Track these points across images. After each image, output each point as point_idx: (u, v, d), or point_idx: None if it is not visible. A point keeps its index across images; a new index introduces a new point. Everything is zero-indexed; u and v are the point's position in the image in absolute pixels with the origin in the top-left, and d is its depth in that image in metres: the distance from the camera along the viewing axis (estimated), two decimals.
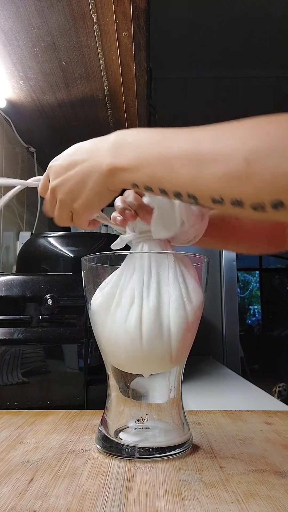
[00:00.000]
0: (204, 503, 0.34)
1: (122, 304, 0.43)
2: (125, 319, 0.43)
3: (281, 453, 0.45)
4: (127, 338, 0.42)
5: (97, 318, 0.45)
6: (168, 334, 0.42)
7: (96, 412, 0.61)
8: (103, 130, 1.28)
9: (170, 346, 0.43)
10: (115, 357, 0.45)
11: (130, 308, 0.43)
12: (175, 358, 0.44)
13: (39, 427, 0.54)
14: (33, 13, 0.77)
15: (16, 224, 1.31)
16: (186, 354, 0.46)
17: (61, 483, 0.37)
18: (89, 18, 0.78)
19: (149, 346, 0.42)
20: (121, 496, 0.35)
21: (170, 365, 0.45)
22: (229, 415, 0.60)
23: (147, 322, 0.42)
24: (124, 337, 0.43)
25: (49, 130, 1.30)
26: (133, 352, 0.43)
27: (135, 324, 0.42)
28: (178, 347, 0.43)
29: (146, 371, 0.45)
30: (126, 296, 0.43)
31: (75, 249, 0.91)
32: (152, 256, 0.45)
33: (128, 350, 0.43)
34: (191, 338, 0.45)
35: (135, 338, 0.42)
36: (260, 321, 6.48)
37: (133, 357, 0.43)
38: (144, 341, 0.42)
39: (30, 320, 0.70)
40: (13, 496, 0.35)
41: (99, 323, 0.45)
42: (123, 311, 0.43)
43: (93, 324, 0.47)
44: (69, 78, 1.00)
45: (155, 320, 0.42)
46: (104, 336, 0.45)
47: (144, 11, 0.76)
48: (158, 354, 0.43)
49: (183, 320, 0.43)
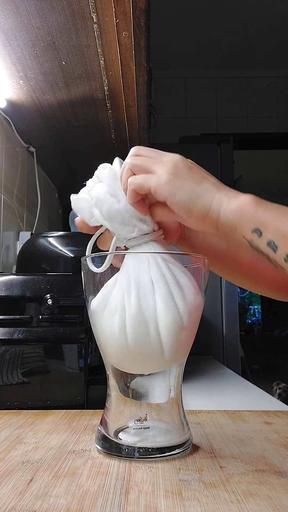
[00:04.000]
0: (204, 503, 0.34)
1: (109, 308, 0.44)
2: (111, 324, 0.43)
3: (281, 453, 0.45)
4: (115, 342, 0.43)
5: (95, 318, 0.46)
6: (157, 335, 0.42)
7: (96, 412, 0.61)
8: (103, 130, 1.29)
9: (162, 346, 0.42)
10: (111, 357, 0.46)
11: (115, 313, 0.43)
12: (170, 357, 0.43)
13: (39, 427, 0.54)
14: (33, 13, 0.77)
15: (16, 224, 1.31)
16: (184, 353, 0.46)
17: (61, 483, 0.37)
18: (89, 18, 0.78)
19: (137, 349, 0.42)
20: (121, 496, 0.35)
21: (165, 364, 0.45)
22: (229, 415, 0.60)
23: (130, 328, 0.42)
24: (112, 341, 0.43)
25: (49, 130, 1.30)
26: (123, 354, 0.43)
27: (119, 330, 0.42)
28: (171, 346, 0.42)
29: (143, 370, 0.45)
30: (113, 300, 0.43)
31: (75, 249, 0.91)
32: (131, 258, 0.44)
33: (118, 353, 0.44)
34: (187, 337, 0.44)
35: (122, 343, 0.42)
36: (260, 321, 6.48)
37: (125, 358, 0.44)
38: (131, 346, 0.42)
39: (30, 320, 0.70)
40: (13, 496, 0.35)
41: (97, 323, 0.45)
42: (109, 315, 0.43)
43: (92, 324, 0.47)
44: (69, 78, 0.99)
45: (140, 323, 0.42)
46: (100, 336, 0.45)
47: (144, 11, 0.76)
48: (148, 355, 0.43)
49: (174, 320, 0.42)
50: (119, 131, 1.29)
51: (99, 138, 1.34)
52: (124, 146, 1.38)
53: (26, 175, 1.39)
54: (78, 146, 1.41)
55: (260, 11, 2.56)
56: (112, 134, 1.31)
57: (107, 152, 1.42)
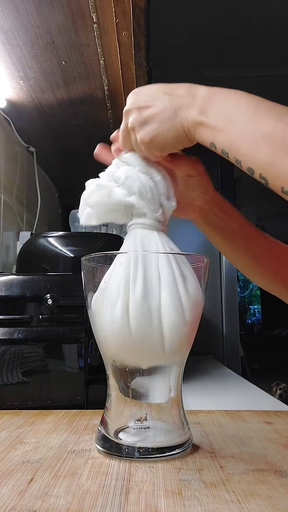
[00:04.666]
0: (204, 502, 0.34)
1: (109, 294, 0.43)
2: (112, 311, 0.42)
3: (281, 453, 0.45)
4: (116, 329, 0.42)
5: (93, 313, 0.45)
6: (159, 326, 0.42)
7: (96, 412, 0.61)
8: (103, 130, 1.28)
9: (163, 338, 0.42)
10: (110, 350, 0.45)
11: (117, 298, 0.42)
12: (169, 348, 0.43)
13: (39, 427, 0.54)
14: (32, 12, 0.77)
15: (16, 224, 1.31)
16: (184, 349, 0.45)
17: (61, 483, 0.37)
18: (88, 17, 0.78)
19: (138, 337, 0.42)
20: (121, 496, 0.35)
21: (164, 358, 0.45)
22: (229, 414, 0.60)
23: (133, 314, 0.42)
24: (112, 327, 0.42)
25: (48, 130, 1.30)
26: (124, 343, 0.43)
27: (122, 314, 0.42)
28: (171, 336, 0.42)
29: (142, 362, 0.45)
30: (112, 286, 0.43)
31: (75, 249, 0.91)
32: (139, 244, 0.45)
33: (119, 341, 0.43)
34: (189, 333, 0.44)
35: (124, 329, 0.42)
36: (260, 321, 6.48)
37: (125, 348, 0.43)
38: (133, 333, 0.42)
39: (30, 320, 0.70)
40: (13, 496, 0.35)
41: (95, 317, 0.45)
42: (111, 301, 0.43)
43: (92, 317, 0.46)
44: (68, 77, 0.99)
45: (143, 311, 0.42)
46: (99, 329, 0.45)
47: (144, 11, 0.76)
48: (149, 345, 0.43)
49: (176, 305, 0.42)
50: None
51: (99, 138, 1.34)
52: None
53: (26, 175, 1.39)
54: (78, 146, 1.41)
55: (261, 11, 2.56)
56: None
57: None
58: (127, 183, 0.46)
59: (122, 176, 0.46)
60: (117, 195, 0.47)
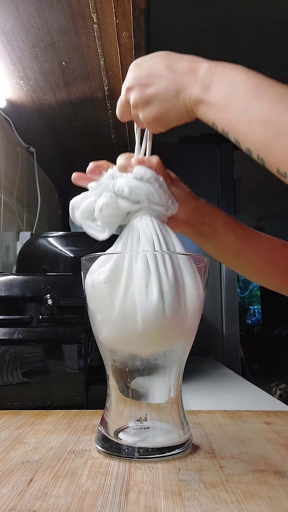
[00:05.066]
0: (204, 503, 0.34)
1: (137, 276, 0.42)
2: (145, 291, 0.42)
3: (281, 453, 0.45)
4: (150, 310, 0.41)
5: (105, 292, 0.43)
6: (185, 306, 0.44)
7: (96, 412, 0.61)
8: (103, 130, 1.29)
9: (186, 318, 0.44)
10: (124, 331, 0.43)
11: (147, 280, 0.42)
12: (188, 330, 0.45)
13: (39, 427, 0.54)
14: (33, 13, 0.77)
15: (16, 224, 1.31)
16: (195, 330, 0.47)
17: (61, 483, 0.37)
18: (89, 18, 0.78)
19: (173, 319, 0.43)
20: (121, 496, 0.35)
21: (182, 337, 0.46)
22: (229, 415, 0.60)
23: (168, 294, 0.42)
24: (145, 308, 0.42)
25: (49, 130, 1.30)
26: (156, 323, 0.42)
27: (158, 296, 0.41)
28: (192, 320, 0.45)
29: (159, 346, 0.45)
30: (139, 269, 0.43)
31: (75, 249, 0.91)
32: (157, 229, 0.46)
33: (150, 321, 0.42)
34: (199, 316, 0.47)
35: (159, 311, 0.42)
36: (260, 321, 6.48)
37: (154, 328, 0.42)
38: (167, 312, 0.42)
39: (30, 320, 0.70)
40: (13, 496, 0.35)
41: (107, 296, 0.43)
42: (140, 284, 0.42)
43: (99, 298, 0.44)
44: (69, 78, 1.00)
45: (176, 291, 0.43)
46: (115, 309, 0.43)
47: (144, 11, 0.76)
48: (178, 324, 0.44)
49: (197, 294, 0.45)
50: (119, 131, 1.29)
51: (99, 138, 1.34)
52: (124, 146, 1.38)
53: (26, 175, 1.39)
54: (78, 146, 1.41)
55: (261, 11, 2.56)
56: (112, 134, 1.31)
57: (107, 152, 1.42)
58: (133, 195, 0.47)
59: (126, 188, 0.46)
60: (124, 204, 0.47)
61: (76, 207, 0.50)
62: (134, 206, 0.47)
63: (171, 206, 0.49)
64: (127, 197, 0.47)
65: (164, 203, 0.48)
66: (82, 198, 0.49)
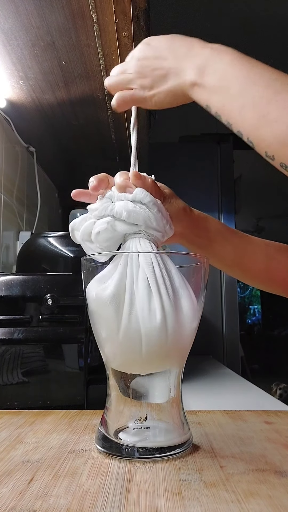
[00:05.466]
0: (204, 502, 0.34)
1: (139, 298, 0.42)
2: (148, 313, 0.42)
3: (281, 453, 0.45)
4: (153, 332, 0.42)
5: (110, 312, 0.43)
6: (184, 326, 0.44)
7: (96, 412, 0.61)
8: (103, 130, 1.29)
9: (185, 338, 0.45)
10: (126, 353, 0.44)
11: (150, 302, 0.42)
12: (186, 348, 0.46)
13: (39, 427, 0.54)
14: (32, 13, 0.77)
15: (16, 224, 1.31)
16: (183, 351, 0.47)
17: (61, 483, 0.37)
18: (88, 18, 0.78)
19: (173, 338, 0.43)
20: (121, 496, 0.35)
21: (181, 356, 0.46)
22: (229, 414, 0.60)
23: (170, 316, 0.42)
24: (149, 331, 0.42)
25: (48, 130, 1.30)
26: (159, 345, 0.42)
27: (160, 318, 0.42)
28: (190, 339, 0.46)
29: (159, 366, 0.45)
30: (140, 291, 0.43)
31: (75, 249, 0.91)
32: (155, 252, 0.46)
33: (153, 343, 0.42)
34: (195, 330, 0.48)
35: (161, 331, 0.42)
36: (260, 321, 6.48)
37: (157, 350, 0.43)
38: (169, 334, 0.42)
39: (30, 320, 0.70)
40: (13, 496, 0.35)
41: (112, 317, 0.43)
42: (143, 306, 0.42)
43: (103, 317, 0.44)
44: (68, 78, 1.00)
45: (176, 313, 0.43)
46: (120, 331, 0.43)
47: (144, 11, 0.76)
48: (178, 345, 0.44)
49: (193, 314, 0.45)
50: (119, 131, 1.29)
51: (99, 138, 1.34)
52: (124, 146, 1.38)
53: (26, 175, 1.39)
54: (78, 146, 1.41)
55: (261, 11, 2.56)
56: (112, 134, 1.31)
57: (107, 152, 1.42)
58: (130, 219, 0.46)
59: (124, 212, 0.46)
60: (122, 227, 0.47)
61: (76, 228, 0.50)
62: (132, 228, 0.47)
63: (168, 231, 0.49)
64: (125, 220, 0.47)
65: (161, 229, 0.48)
66: (82, 220, 0.49)
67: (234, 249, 0.59)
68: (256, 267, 0.60)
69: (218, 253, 0.58)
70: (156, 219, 0.47)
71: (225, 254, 0.59)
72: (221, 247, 0.58)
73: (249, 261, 0.59)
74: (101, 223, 0.47)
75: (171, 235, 0.50)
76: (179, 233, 0.55)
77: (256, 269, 0.60)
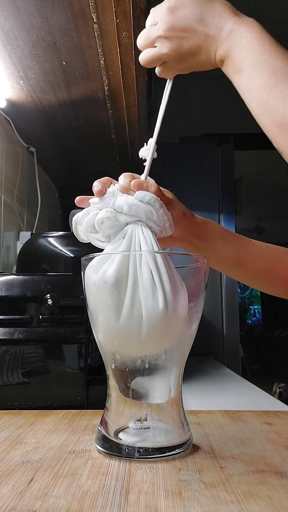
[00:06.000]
0: (204, 503, 0.34)
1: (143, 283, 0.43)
2: (152, 298, 0.42)
3: (282, 454, 0.45)
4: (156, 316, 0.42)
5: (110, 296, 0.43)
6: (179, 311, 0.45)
7: (96, 412, 0.61)
8: (104, 130, 1.29)
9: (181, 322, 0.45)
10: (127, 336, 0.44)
11: (153, 290, 0.43)
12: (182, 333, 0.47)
13: (39, 427, 0.54)
14: (33, 13, 0.77)
15: (16, 224, 1.31)
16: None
17: (61, 483, 0.37)
18: (89, 18, 0.78)
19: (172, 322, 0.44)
20: (121, 496, 0.35)
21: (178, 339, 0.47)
22: (229, 415, 0.60)
23: (170, 301, 0.43)
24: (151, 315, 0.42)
25: (49, 130, 1.30)
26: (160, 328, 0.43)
27: (163, 303, 0.42)
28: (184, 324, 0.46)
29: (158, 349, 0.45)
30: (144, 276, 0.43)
31: (75, 249, 0.91)
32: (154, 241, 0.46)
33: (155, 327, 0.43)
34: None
35: (163, 315, 0.43)
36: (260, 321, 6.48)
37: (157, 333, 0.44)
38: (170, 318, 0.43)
39: (30, 320, 0.70)
40: (13, 496, 0.35)
41: (113, 301, 0.43)
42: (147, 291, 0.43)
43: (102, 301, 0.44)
44: (69, 78, 1.00)
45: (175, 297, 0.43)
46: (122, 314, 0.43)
47: (144, 11, 0.76)
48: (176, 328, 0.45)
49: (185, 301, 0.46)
50: (119, 131, 1.29)
51: (100, 138, 1.34)
52: (124, 146, 1.38)
53: (26, 175, 1.39)
54: (79, 146, 1.41)
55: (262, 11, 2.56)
56: (113, 134, 1.31)
57: (107, 152, 1.42)
58: (132, 212, 0.47)
59: (125, 206, 0.47)
60: (124, 217, 0.48)
61: (79, 222, 0.51)
62: (133, 218, 0.48)
63: (167, 229, 0.49)
64: (127, 213, 0.47)
65: (161, 224, 0.48)
66: (84, 214, 0.50)
67: (235, 252, 0.59)
68: (257, 268, 0.60)
69: (219, 255, 0.59)
70: (157, 214, 0.48)
71: (226, 256, 0.59)
72: (222, 249, 0.59)
73: (251, 262, 0.60)
74: (104, 212, 0.48)
75: (169, 234, 0.50)
76: (181, 237, 0.56)
77: (258, 271, 0.60)
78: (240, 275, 0.62)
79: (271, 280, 0.61)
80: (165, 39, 0.48)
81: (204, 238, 0.58)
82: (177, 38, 0.48)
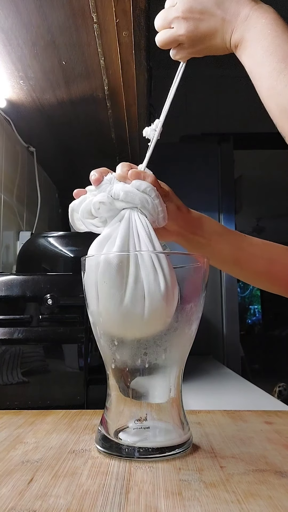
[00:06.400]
0: (204, 503, 0.34)
1: (146, 265, 0.44)
2: (154, 281, 0.43)
3: (282, 453, 0.45)
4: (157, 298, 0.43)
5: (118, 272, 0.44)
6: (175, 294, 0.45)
7: (96, 412, 0.61)
8: (103, 129, 1.28)
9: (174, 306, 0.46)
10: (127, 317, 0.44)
11: (154, 271, 0.44)
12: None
13: (39, 427, 0.54)
14: (32, 12, 0.77)
15: (16, 224, 1.31)
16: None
17: (61, 483, 0.37)
18: (89, 17, 0.78)
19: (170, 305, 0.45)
20: (121, 496, 0.35)
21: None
22: (229, 415, 0.60)
23: (169, 283, 0.44)
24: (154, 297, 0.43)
25: (49, 129, 1.29)
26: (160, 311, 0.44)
27: (164, 286, 0.43)
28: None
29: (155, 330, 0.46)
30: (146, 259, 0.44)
31: (75, 249, 0.91)
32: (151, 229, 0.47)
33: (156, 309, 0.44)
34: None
35: (164, 297, 0.43)
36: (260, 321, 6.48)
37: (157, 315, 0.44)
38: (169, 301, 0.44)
39: (30, 319, 0.70)
40: (13, 496, 0.35)
41: (119, 278, 0.44)
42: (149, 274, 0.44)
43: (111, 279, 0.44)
44: (69, 77, 0.99)
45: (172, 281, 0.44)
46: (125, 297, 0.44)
47: (144, 11, 0.76)
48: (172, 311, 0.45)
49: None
50: (119, 130, 1.29)
51: (99, 137, 1.34)
52: (124, 145, 1.38)
53: (26, 175, 1.39)
54: (78, 146, 1.41)
55: None
56: (112, 133, 1.31)
57: (107, 151, 1.42)
58: (128, 198, 0.48)
59: (121, 192, 0.48)
60: (120, 204, 0.49)
61: (75, 210, 0.51)
62: (129, 205, 0.49)
63: (160, 219, 0.50)
64: (123, 200, 0.48)
65: (154, 214, 0.49)
66: (81, 201, 0.51)
67: (231, 247, 0.59)
68: (256, 266, 0.60)
69: (216, 251, 0.58)
70: (152, 203, 0.49)
71: (223, 253, 0.59)
72: (219, 246, 0.58)
73: (248, 260, 0.59)
74: (100, 196, 0.49)
75: (162, 225, 0.51)
76: (175, 231, 0.56)
77: (256, 268, 0.60)
78: (238, 272, 0.62)
79: (271, 279, 0.61)
80: (182, 20, 0.49)
81: (199, 233, 0.57)
82: (194, 20, 0.48)
